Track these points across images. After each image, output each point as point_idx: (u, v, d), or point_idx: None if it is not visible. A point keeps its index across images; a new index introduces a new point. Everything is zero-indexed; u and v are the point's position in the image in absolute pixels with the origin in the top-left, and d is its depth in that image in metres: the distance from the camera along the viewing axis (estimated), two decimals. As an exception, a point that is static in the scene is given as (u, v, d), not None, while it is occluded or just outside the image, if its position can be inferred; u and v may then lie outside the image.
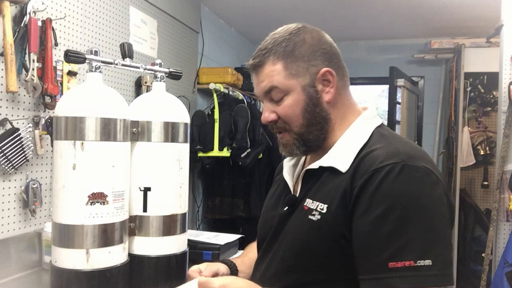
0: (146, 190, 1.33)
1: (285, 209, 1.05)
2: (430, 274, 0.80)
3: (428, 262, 0.80)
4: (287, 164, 1.15)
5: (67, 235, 1.20)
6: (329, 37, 1.08)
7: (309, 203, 0.98)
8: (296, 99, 1.00)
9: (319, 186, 0.99)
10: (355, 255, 0.88)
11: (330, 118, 1.02)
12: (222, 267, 1.23)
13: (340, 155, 0.97)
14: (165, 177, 1.34)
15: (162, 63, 1.44)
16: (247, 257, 1.32)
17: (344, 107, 1.04)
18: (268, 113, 1.04)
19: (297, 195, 1.04)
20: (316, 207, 0.95)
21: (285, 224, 1.03)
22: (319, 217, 0.94)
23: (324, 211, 0.93)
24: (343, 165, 0.95)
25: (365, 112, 1.05)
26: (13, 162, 1.58)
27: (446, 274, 0.82)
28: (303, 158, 1.16)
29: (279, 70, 1.00)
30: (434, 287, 0.81)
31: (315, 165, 1.01)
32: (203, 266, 1.21)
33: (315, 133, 1.02)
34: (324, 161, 1.00)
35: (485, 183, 3.88)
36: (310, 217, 0.96)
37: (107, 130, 1.20)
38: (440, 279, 0.81)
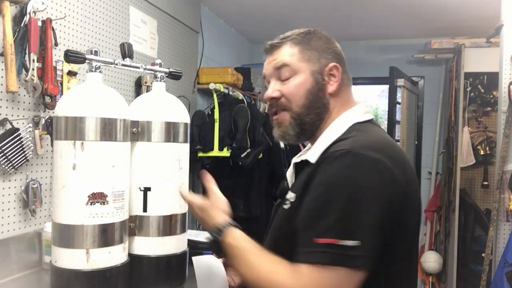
0: (146, 190, 1.33)
1: (278, 201, 1.15)
2: (353, 254, 0.86)
3: (353, 242, 0.86)
4: (293, 161, 1.19)
5: (67, 235, 1.20)
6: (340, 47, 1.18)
7: (288, 193, 1.06)
8: (303, 80, 1.08)
9: (298, 178, 1.07)
10: (296, 225, 0.96)
11: (329, 108, 1.10)
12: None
13: (315, 148, 1.05)
14: (165, 177, 1.34)
15: (162, 63, 1.44)
16: None
17: (342, 102, 1.12)
18: (272, 91, 1.11)
19: (289, 188, 1.12)
20: (290, 197, 1.04)
21: (276, 214, 1.13)
22: (289, 205, 1.02)
23: (293, 200, 1.02)
24: (313, 157, 1.01)
25: (353, 108, 1.12)
26: (13, 162, 1.58)
27: (369, 256, 0.88)
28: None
29: (294, 52, 1.10)
30: (353, 267, 0.87)
31: (298, 159, 1.11)
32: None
33: (312, 116, 1.09)
34: (302, 156, 1.08)
35: (485, 183, 3.88)
36: (283, 206, 1.05)
37: (107, 130, 1.20)
38: (361, 260, 0.87)
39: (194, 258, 1.21)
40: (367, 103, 1.22)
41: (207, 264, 1.19)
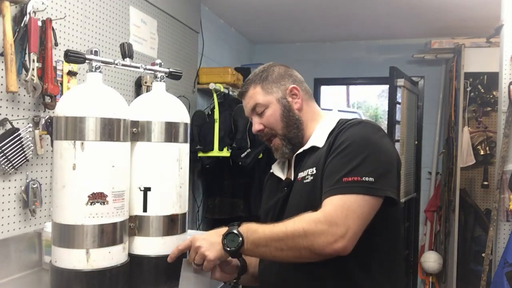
0: (146, 190, 1.33)
1: (285, 189, 1.32)
2: (370, 186, 1.11)
3: (371, 179, 1.11)
4: (275, 168, 1.44)
5: (67, 235, 1.20)
6: (295, 72, 1.42)
7: (300, 175, 1.27)
8: (274, 109, 1.33)
9: (304, 162, 1.30)
10: (322, 182, 1.17)
11: (302, 121, 1.35)
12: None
13: (317, 138, 1.30)
14: (165, 177, 1.34)
15: (162, 63, 1.44)
16: None
17: (311, 113, 1.37)
18: (257, 125, 1.36)
19: (292, 179, 1.32)
20: (307, 173, 1.24)
21: (287, 201, 1.29)
22: (311, 177, 1.22)
23: (314, 172, 1.22)
24: (320, 142, 1.27)
25: (333, 112, 1.39)
26: (13, 162, 1.58)
27: (383, 189, 1.13)
28: (287, 162, 1.41)
29: (258, 91, 1.34)
30: (370, 195, 1.11)
31: (301, 150, 1.32)
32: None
33: (294, 131, 1.33)
34: (306, 146, 1.31)
35: (485, 183, 3.87)
36: (305, 181, 1.24)
37: (107, 130, 1.20)
38: (377, 191, 1.12)
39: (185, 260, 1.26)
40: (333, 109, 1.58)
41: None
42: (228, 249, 1.14)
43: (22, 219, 1.67)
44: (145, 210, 1.33)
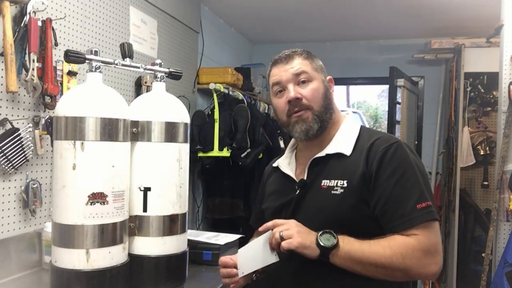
0: (146, 190, 1.33)
1: (298, 191, 1.30)
2: (433, 210, 1.17)
3: (431, 203, 1.17)
4: (283, 164, 1.41)
5: (67, 235, 1.20)
6: None
7: (326, 182, 1.25)
8: (319, 86, 1.31)
9: (329, 169, 1.27)
10: (381, 212, 1.18)
11: (335, 111, 1.34)
12: None
13: (342, 145, 1.28)
14: (165, 177, 1.34)
15: (162, 63, 1.44)
16: None
17: (336, 110, 1.37)
18: (294, 93, 1.29)
19: (306, 180, 1.30)
20: (336, 184, 1.23)
21: (301, 203, 1.29)
22: (342, 190, 1.22)
23: (345, 185, 1.22)
24: (347, 151, 1.27)
25: (349, 116, 1.38)
26: (13, 162, 1.58)
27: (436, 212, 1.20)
28: (293, 159, 1.41)
29: (307, 63, 1.32)
30: (437, 220, 1.19)
31: (322, 153, 1.29)
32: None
33: (328, 115, 1.31)
34: (329, 150, 1.29)
35: (485, 183, 3.87)
36: (333, 192, 1.23)
37: (107, 130, 1.20)
38: (436, 214, 1.18)
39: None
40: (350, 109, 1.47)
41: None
42: (322, 244, 1.14)
43: (22, 219, 1.67)
44: (145, 210, 1.33)
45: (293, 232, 1.15)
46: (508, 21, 2.53)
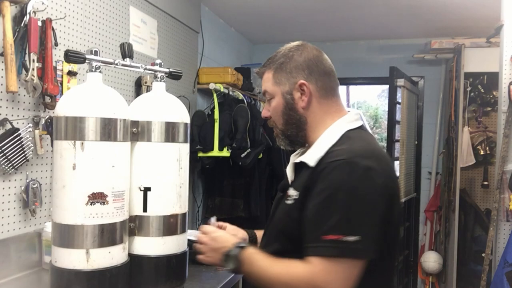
0: (146, 190, 1.33)
1: (280, 194, 1.29)
2: (354, 247, 1.02)
3: (354, 238, 1.02)
4: (291, 159, 1.32)
5: (67, 235, 1.20)
6: (325, 57, 1.28)
7: (290, 190, 1.20)
8: (278, 102, 1.24)
9: (298, 176, 1.22)
10: (302, 230, 1.10)
11: (307, 121, 1.23)
12: (241, 233, 1.44)
13: (312, 153, 1.18)
14: (165, 177, 1.34)
15: (162, 63, 1.44)
16: None
17: (321, 113, 1.24)
18: (264, 111, 1.31)
19: (288, 183, 1.26)
20: (292, 194, 1.17)
21: (277, 207, 1.26)
22: (292, 201, 1.17)
23: (296, 197, 1.16)
24: (311, 161, 1.16)
25: (345, 117, 1.24)
26: (13, 162, 1.58)
27: (369, 249, 1.04)
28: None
29: (269, 78, 1.26)
30: (355, 258, 1.04)
31: (297, 160, 1.23)
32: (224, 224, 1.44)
33: (293, 131, 1.25)
34: (301, 157, 1.21)
35: (485, 183, 3.87)
36: (286, 201, 1.19)
37: (107, 130, 1.20)
38: (362, 252, 1.04)
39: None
40: (356, 111, 1.34)
41: None
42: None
43: (22, 219, 1.67)
44: (145, 210, 1.33)
45: (206, 250, 1.26)
46: (508, 21, 2.53)
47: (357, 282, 1.05)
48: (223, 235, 1.28)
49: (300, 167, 1.21)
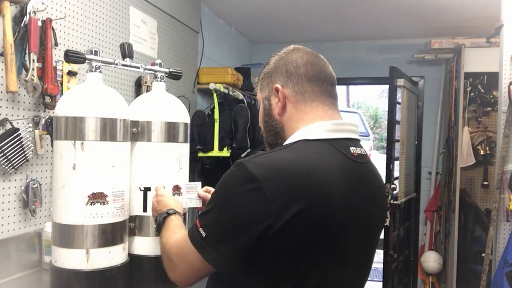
0: (146, 190, 1.33)
1: None
2: (202, 243, 1.00)
3: (203, 233, 1.00)
4: None
5: (67, 235, 1.20)
6: (318, 62, 1.16)
7: None
8: (261, 109, 1.20)
9: None
10: None
11: (283, 128, 1.14)
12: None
13: None
14: (165, 177, 1.34)
15: (162, 63, 1.44)
16: None
17: (297, 119, 1.12)
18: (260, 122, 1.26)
19: None
20: None
21: None
22: None
23: None
24: None
25: (311, 125, 1.10)
26: (13, 162, 1.58)
27: (210, 251, 0.99)
28: None
29: (259, 87, 1.22)
30: (201, 254, 1.01)
31: None
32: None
33: (272, 137, 1.17)
34: None
35: (485, 183, 3.87)
36: None
37: (107, 130, 1.20)
38: (204, 252, 1.00)
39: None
40: (340, 121, 1.11)
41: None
42: (155, 225, 1.25)
43: (22, 219, 1.67)
44: (145, 210, 1.33)
45: (153, 201, 1.30)
46: (508, 21, 2.53)
47: (202, 278, 1.07)
48: (165, 199, 1.28)
49: None
